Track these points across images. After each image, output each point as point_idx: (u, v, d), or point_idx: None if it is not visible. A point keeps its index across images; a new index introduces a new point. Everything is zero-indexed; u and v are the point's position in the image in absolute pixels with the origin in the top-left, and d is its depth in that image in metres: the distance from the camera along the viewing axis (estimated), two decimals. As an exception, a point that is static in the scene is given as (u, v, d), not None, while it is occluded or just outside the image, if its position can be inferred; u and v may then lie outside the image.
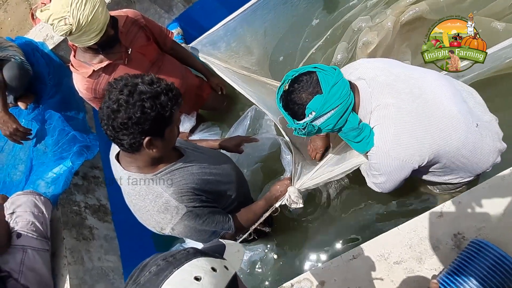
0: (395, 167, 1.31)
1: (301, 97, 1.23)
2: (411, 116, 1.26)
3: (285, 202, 1.69)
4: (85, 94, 1.87)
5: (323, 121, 1.24)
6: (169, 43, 2.07)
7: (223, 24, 2.15)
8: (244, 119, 2.33)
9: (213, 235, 1.39)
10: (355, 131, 1.30)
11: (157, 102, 1.10)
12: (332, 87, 1.21)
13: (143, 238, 2.51)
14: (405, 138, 1.26)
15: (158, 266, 0.61)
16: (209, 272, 0.60)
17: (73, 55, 1.81)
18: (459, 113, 1.28)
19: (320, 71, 1.24)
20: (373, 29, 2.20)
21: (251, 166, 2.21)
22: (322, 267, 1.35)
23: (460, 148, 1.30)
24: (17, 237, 1.68)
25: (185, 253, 0.63)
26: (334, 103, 1.21)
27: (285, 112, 1.30)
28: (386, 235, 1.30)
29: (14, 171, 2.24)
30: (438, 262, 1.20)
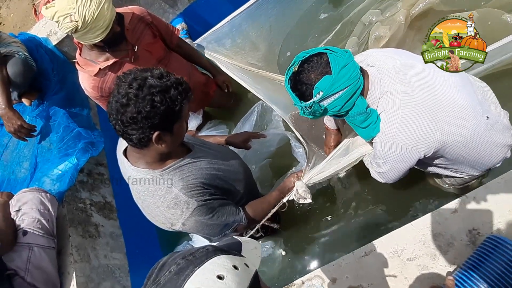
0: (400, 155, 1.30)
1: (310, 77, 1.23)
2: (419, 103, 1.25)
3: (293, 197, 1.67)
4: (91, 93, 1.84)
5: (330, 102, 1.24)
6: (175, 40, 2.05)
7: (228, 20, 2.13)
8: (251, 115, 2.31)
9: (225, 228, 1.38)
10: (362, 115, 1.28)
11: (167, 96, 1.08)
12: (342, 68, 1.20)
13: (148, 236, 2.51)
14: (412, 125, 1.24)
15: (178, 265, 0.58)
16: (231, 271, 0.58)
17: (78, 53, 1.78)
18: (468, 105, 1.27)
19: (331, 53, 1.23)
20: (384, 23, 2.16)
21: (259, 162, 2.19)
22: (333, 264, 1.33)
23: (468, 140, 1.29)
24: (23, 235, 1.67)
25: (205, 251, 0.61)
26: (343, 85, 1.21)
27: (293, 93, 1.29)
28: (399, 231, 1.27)
29: (18, 168, 2.22)
30: (452, 258, 1.18)
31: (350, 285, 1.28)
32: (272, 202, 1.63)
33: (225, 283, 0.55)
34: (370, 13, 2.29)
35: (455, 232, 1.20)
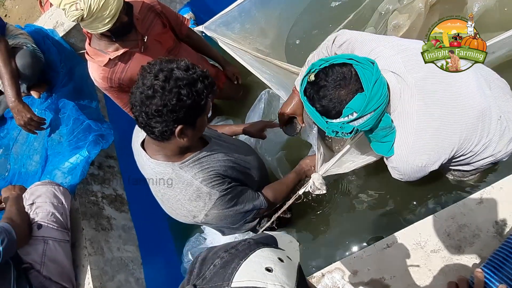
0: (415, 171, 1.26)
1: (340, 95, 1.08)
2: (435, 122, 1.19)
3: (309, 189, 1.65)
4: (101, 84, 1.82)
5: (362, 122, 1.11)
6: (185, 31, 2.01)
7: (238, 4, 2.09)
8: (259, 103, 2.28)
9: (246, 214, 1.37)
10: (385, 130, 1.21)
11: (194, 90, 1.06)
12: (374, 85, 1.08)
13: (160, 227, 2.50)
14: (423, 148, 1.20)
15: (222, 259, 0.57)
16: (278, 263, 0.56)
17: (88, 43, 1.75)
18: (486, 108, 1.23)
19: (358, 64, 1.10)
20: (402, 11, 2.09)
21: (275, 153, 2.17)
22: (354, 256, 1.31)
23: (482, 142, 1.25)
24: (38, 228, 1.66)
25: (247, 244, 0.60)
26: (376, 103, 1.09)
27: (312, 107, 1.14)
28: (422, 222, 1.25)
29: (29, 162, 2.21)
30: (479, 250, 1.16)
31: (372, 277, 1.26)
32: (289, 184, 1.64)
33: (275, 275, 0.53)
34: (386, 1, 2.22)
35: (481, 223, 1.18)
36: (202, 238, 2.32)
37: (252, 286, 0.52)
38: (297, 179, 1.70)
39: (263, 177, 1.66)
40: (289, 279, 0.54)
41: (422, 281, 1.19)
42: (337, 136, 1.21)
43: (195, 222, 1.34)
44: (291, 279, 0.55)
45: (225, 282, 0.53)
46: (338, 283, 1.30)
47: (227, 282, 0.53)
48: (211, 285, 0.53)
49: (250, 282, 0.52)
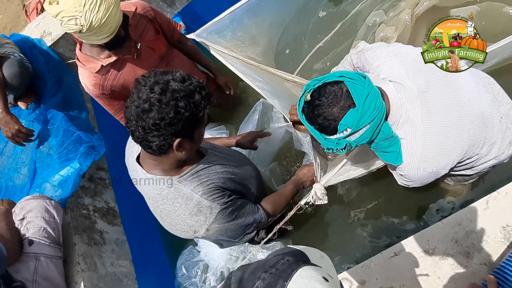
0: (426, 177, 1.26)
1: (333, 112, 1.12)
2: (441, 126, 1.21)
3: (310, 199, 1.64)
4: (92, 90, 1.76)
5: (358, 136, 1.14)
6: (177, 37, 1.97)
7: (229, 12, 2.08)
8: (253, 114, 2.28)
9: (246, 228, 1.34)
10: (388, 140, 1.22)
11: (191, 101, 1.03)
12: (366, 99, 1.10)
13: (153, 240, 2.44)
14: (433, 154, 1.21)
15: (264, 280, 0.53)
16: (323, 283, 0.53)
17: (78, 48, 1.70)
18: (488, 111, 1.25)
19: (349, 81, 1.13)
20: (389, 23, 2.13)
21: (267, 164, 2.16)
22: (361, 265, 1.29)
23: (486, 145, 1.27)
24: (29, 244, 1.58)
25: (287, 263, 0.57)
26: (370, 117, 1.11)
27: (311, 126, 1.19)
28: (430, 229, 1.25)
29: (16, 175, 2.12)
30: (487, 256, 1.16)
31: (380, 286, 1.24)
32: (288, 195, 1.62)
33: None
34: (373, 14, 2.26)
35: (488, 229, 1.18)
36: (196, 251, 2.27)
37: None
38: (295, 190, 1.68)
39: (260, 187, 1.64)
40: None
41: (432, 289, 1.18)
42: (332, 152, 1.22)
43: (196, 237, 1.30)
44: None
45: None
46: (346, 294, 1.28)
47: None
48: None
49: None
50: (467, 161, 1.33)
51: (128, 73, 1.75)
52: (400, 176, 1.37)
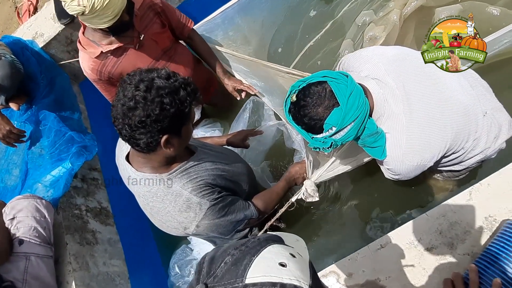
0: (411, 170, 1.29)
1: (318, 112, 1.15)
2: (423, 119, 1.23)
3: (301, 196, 1.66)
4: (90, 75, 1.78)
5: (343, 134, 1.17)
6: (187, 32, 1.94)
7: (221, 12, 2.11)
8: (244, 112, 2.28)
9: (237, 224, 1.35)
10: (373, 136, 1.25)
11: (176, 98, 1.04)
12: (349, 98, 1.13)
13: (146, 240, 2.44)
14: (417, 146, 1.23)
15: (233, 256, 0.55)
16: (290, 258, 0.55)
17: (82, 32, 1.70)
18: (471, 104, 1.28)
19: (332, 80, 1.16)
20: (378, 23, 2.15)
21: (259, 163, 2.16)
22: (348, 258, 1.30)
23: (471, 140, 1.30)
24: (19, 244, 1.59)
25: (257, 241, 0.58)
26: (354, 115, 1.14)
27: (298, 126, 1.22)
28: (414, 222, 1.26)
29: (8, 176, 2.13)
30: (470, 246, 1.17)
31: (367, 279, 1.25)
32: (279, 192, 1.63)
33: (289, 270, 0.52)
34: (363, 14, 2.28)
35: (471, 220, 1.19)
36: (189, 249, 2.27)
37: (267, 281, 0.50)
38: (287, 186, 1.69)
39: (252, 184, 1.64)
40: (303, 273, 0.53)
41: (417, 280, 1.19)
42: (319, 151, 1.24)
43: (186, 234, 1.30)
44: (305, 274, 0.54)
45: (238, 278, 0.51)
46: (333, 287, 1.29)
47: (240, 279, 0.51)
48: (223, 283, 0.51)
49: (265, 277, 0.51)
50: (452, 155, 1.35)
51: (128, 63, 1.75)
52: (386, 169, 1.38)
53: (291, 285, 0.51)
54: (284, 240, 0.63)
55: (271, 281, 0.50)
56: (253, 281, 0.50)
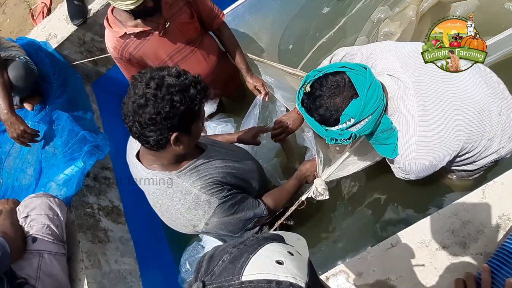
0: (423, 169, 1.27)
1: (335, 103, 1.11)
2: (437, 117, 1.20)
3: (311, 194, 1.64)
4: (112, 53, 1.81)
5: (360, 127, 1.14)
6: (217, 25, 1.92)
7: (231, 9, 2.12)
8: (254, 108, 2.26)
9: (247, 222, 1.35)
10: (387, 132, 1.22)
11: (186, 96, 1.04)
12: (368, 89, 1.10)
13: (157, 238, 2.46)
14: (430, 145, 1.21)
15: (230, 254, 0.55)
16: (288, 256, 0.55)
17: (111, 9, 1.73)
18: (485, 103, 1.25)
19: (350, 71, 1.12)
20: (394, 19, 2.11)
21: (270, 159, 2.15)
22: (358, 257, 1.29)
23: (485, 139, 1.27)
24: (33, 242, 1.61)
25: (256, 240, 0.58)
26: (373, 107, 1.11)
27: (311, 118, 1.18)
28: (426, 221, 1.24)
29: (22, 175, 2.17)
30: (484, 246, 1.14)
31: (377, 278, 1.24)
32: (290, 190, 1.62)
33: (286, 267, 0.52)
34: (378, 10, 2.24)
35: (485, 218, 1.17)
36: (200, 246, 2.28)
37: (263, 278, 0.50)
38: (298, 185, 1.68)
39: (262, 182, 1.64)
40: (300, 271, 0.53)
41: (428, 280, 1.17)
42: (337, 143, 1.21)
43: (196, 232, 1.31)
44: (302, 272, 0.53)
45: (235, 276, 0.51)
46: (343, 286, 1.28)
47: (237, 276, 0.51)
48: (220, 280, 0.52)
49: (261, 275, 0.51)
50: (466, 155, 1.32)
51: (149, 48, 1.76)
52: (397, 169, 1.36)
53: (286, 282, 0.50)
54: (284, 239, 0.63)
55: (267, 278, 0.50)
56: (249, 278, 0.51)
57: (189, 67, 1.63)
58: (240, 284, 0.50)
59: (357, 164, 1.63)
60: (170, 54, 1.81)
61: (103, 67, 2.67)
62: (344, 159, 1.60)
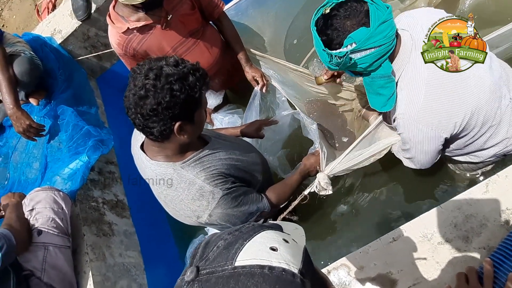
0: (424, 135, 1.25)
1: (345, 24, 1.13)
2: (444, 81, 1.19)
3: (314, 189, 1.64)
4: (116, 49, 1.81)
5: (360, 56, 1.15)
6: (217, 15, 1.92)
7: (234, 3, 2.10)
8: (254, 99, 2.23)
9: (249, 216, 1.34)
10: (384, 79, 1.22)
11: (186, 84, 1.05)
12: (381, 24, 1.11)
13: (162, 232, 2.48)
14: (434, 106, 1.19)
15: (225, 241, 0.55)
16: (283, 243, 0.55)
17: (112, 6, 1.73)
18: (494, 85, 1.22)
19: (372, 3, 1.13)
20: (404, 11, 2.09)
21: (275, 152, 2.14)
22: (359, 251, 1.28)
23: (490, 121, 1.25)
24: (38, 234, 1.64)
25: (251, 227, 0.59)
26: (378, 41, 1.12)
27: (319, 37, 1.18)
28: (428, 214, 1.23)
29: (28, 169, 2.19)
30: (486, 240, 1.13)
31: (378, 272, 1.23)
32: (293, 185, 1.61)
33: (280, 254, 0.52)
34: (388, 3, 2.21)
35: (488, 213, 1.15)
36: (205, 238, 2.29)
37: (256, 264, 0.50)
38: (301, 180, 1.68)
39: (266, 174, 1.64)
40: (294, 258, 0.53)
41: (430, 274, 1.16)
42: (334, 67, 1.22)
43: (199, 223, 1.31)
44: (296, 258, 0.53)
45: (229, 261, 0.51)
46: (344, 280, 1.28)
47: (230, 262, 0.51)
48: (214, 265, 0.52)
49: (254, 260, 0.51)
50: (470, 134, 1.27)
51: (153, 42, 1.77)
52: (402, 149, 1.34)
53: (279, 268, 0.51)
54: (282, 228, 0.63)
55: (260, 263, 0.51)
56: (242, 263, 0.51)
57: (192, 58, 1.63)
58: (233, 269, 0.51)
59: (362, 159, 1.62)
60: (173, 46, 1.81)
61: (108, 62, 2.68)
62: (346, 154, 1.59)
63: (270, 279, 0.49)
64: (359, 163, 1.63)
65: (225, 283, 0.50)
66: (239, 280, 0.49)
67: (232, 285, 0.49)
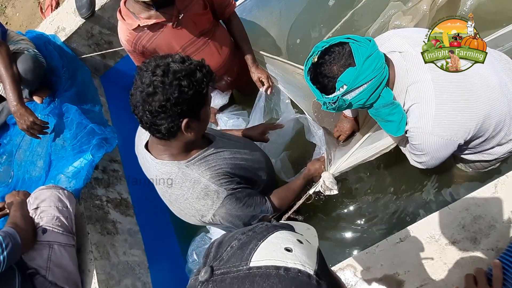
0: (441, 146, 1.24)
1: (332, 70, 1.16)
2: (452, 89, 1.18)
3: (319, 188, 1.63)
4: (125, 45, 1.80)
5: (354, 95, 1.18)
6: (228, 14, 1.91)
7: (239, 4, 2.09)
8: (259, 101, 2.24)
9: (252, 219, 1.34)
10: (388, 107, 1.22)
11: (193, 80, 1.04)
12: (366, 59, 1.13)
13: (165, 231, 2.48)
14: (448, 115, 1.18)
15: (239, 241, 0.55)
16: (297, 244, 0.55)
17: (123, 1, 1.72)
18: (499, 84, 1.22)
19: (353, 42, 1.16)
20: (407, 13, 2.07)
21: (278, 155, 2.14)
22: (366, 251, 1.28)
23: (501, 120, 1.23)
24: (43, 233, 1.63)
25: (265, 227, 0.58)
26: (368, 77, 1.14)
27: (313, 86, 1.24)
28: (436, 215, 1.22)
29: (32, 168, 2.19)
30: (495, 241, 1.13)
31: (385, 273, 1.23)
32: (296, 190, 1.61)
33: (295, 255, 0.52)
34: (391, 5, 2.18)
35: (496, 213, 1.15)
36: (208, 238, 2.29)
37: (271, 264, 0.50)
38: (305, 184, 1.67)
39: (270, 175, 1.63)
40: (309, 259, 0.53)
41: (437, 275, 1.16)
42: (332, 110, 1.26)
43: (203, 223, 1.31)
44: (311, 259, 0.53)
45: (243, 262, 0.51)
46: (350, 281, 1.27)
47: (245, 262, 0.51)
48: (228, 265, 0.52)
49: (269, 261, 0.51)
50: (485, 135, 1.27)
51: (162, 40, 1.75)
52: (413, 149, 1.34)
53: (295, 269, 0.50)
54: (294, 228, 0.62)
55: (275, 264, 0.50)
56: (257, 264, 0.51)
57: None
58: (248, 269, 0.50)
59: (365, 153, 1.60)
60: (183, 46, 1.80)
61: (112, 60, 2.67)
62: (352, 153, 1.58)
63: (286, 280, 0.49)
64: (364, 160, 1.62)
65: (240, 283, 0.49)
66: (254, 281, 0.49)
67: (247, 285, 0.49)
